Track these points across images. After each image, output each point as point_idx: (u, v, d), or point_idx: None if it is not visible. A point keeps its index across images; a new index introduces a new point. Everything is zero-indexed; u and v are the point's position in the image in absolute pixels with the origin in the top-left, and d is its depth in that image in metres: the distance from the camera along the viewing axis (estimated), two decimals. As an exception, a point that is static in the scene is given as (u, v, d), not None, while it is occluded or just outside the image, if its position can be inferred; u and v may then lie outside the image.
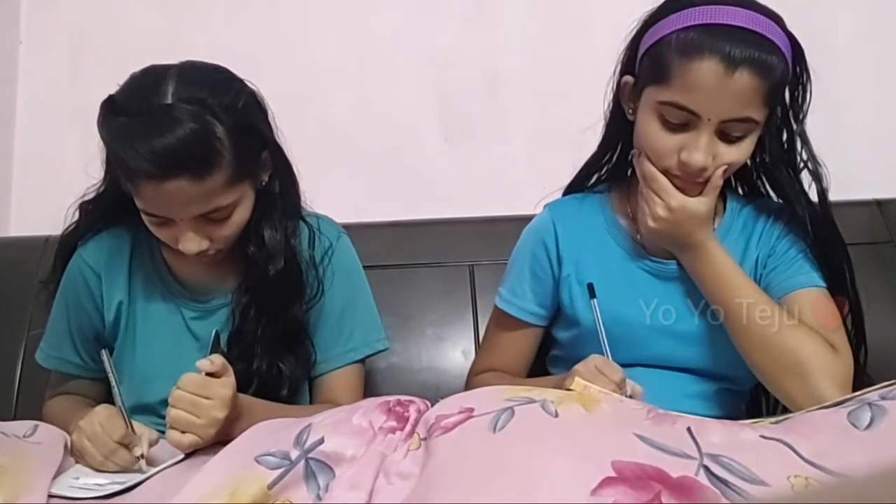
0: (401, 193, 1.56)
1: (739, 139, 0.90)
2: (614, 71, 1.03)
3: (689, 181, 0.91)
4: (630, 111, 0.98)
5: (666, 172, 0.92)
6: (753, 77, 0.85)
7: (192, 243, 0.92)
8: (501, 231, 1.13)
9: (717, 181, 0.91)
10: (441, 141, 1.59)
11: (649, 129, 0.92)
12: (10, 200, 1.59)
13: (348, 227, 1.14)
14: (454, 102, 1.60)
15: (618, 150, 1.06)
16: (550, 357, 1.14)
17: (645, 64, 0.94)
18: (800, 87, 0.95)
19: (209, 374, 0.84)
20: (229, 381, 0.84)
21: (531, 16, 1.61)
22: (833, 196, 1.37)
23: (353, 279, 1.09)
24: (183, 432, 0.82)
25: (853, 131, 1.56)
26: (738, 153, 0.91)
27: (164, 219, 0.92)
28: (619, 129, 1.02)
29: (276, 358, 1.00)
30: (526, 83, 1.56)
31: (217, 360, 0.84)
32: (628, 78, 0.98)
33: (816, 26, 1.62)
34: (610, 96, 1.04)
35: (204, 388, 0.82)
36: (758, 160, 1.00)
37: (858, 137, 1.55)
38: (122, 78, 0.93)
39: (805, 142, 0.97)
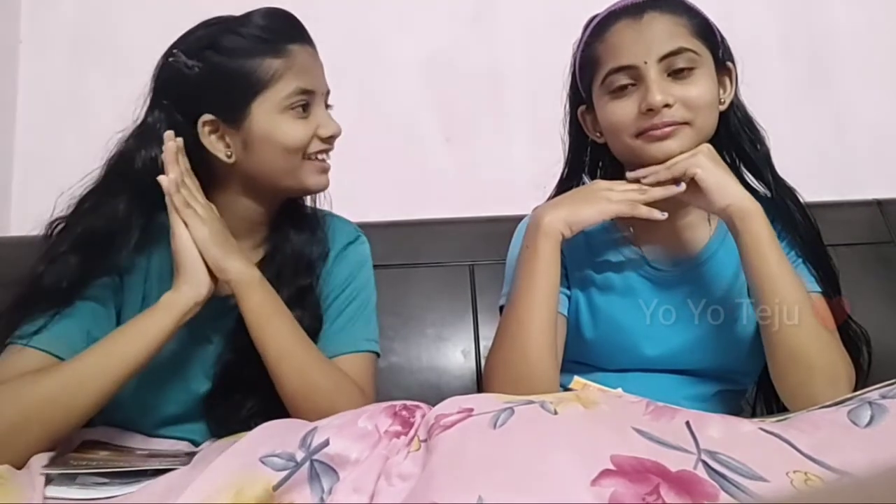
0: (401, 193, 1.56)
1: (690, 72, 0.91)
2: (564, 113, 1.08)
3: (663, 128, 0.90)
4: (598, 135, 1.01)
5: (643, 151, 0.92)
6: (663, 14, 0.92)
7: (332, 122, 1.00)
8: (501, 231, 1.12)
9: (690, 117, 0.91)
10: (442, 140, 1.60)
11: (608, 111, 0.95)
12: (10, 200, 1.60)
13: (349, 227, 1.14)
14: (455, 102, 1.61)
15: (586, 166, 1.08)
16: None
17: (584, 76, 1.00)
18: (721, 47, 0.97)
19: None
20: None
21: (532, 16, 1.62)
22: (833, 196, 1.38)
23: (369, 276, 1.09)
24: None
25: (853, 131, 1.56)
26: (698, 89, 0.91)
27: (307, 103, 0.96)
28: (582, 151, 1.08)
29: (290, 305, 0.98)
30: (527, 83, 1.56)
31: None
32: (582, 107, 1.03)
33: (816, 26, 1.63)
34: (566, 133, 1.09)
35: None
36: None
37: (859, 137, 1.56)
38: (123, 78, 0.91)
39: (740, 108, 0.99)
